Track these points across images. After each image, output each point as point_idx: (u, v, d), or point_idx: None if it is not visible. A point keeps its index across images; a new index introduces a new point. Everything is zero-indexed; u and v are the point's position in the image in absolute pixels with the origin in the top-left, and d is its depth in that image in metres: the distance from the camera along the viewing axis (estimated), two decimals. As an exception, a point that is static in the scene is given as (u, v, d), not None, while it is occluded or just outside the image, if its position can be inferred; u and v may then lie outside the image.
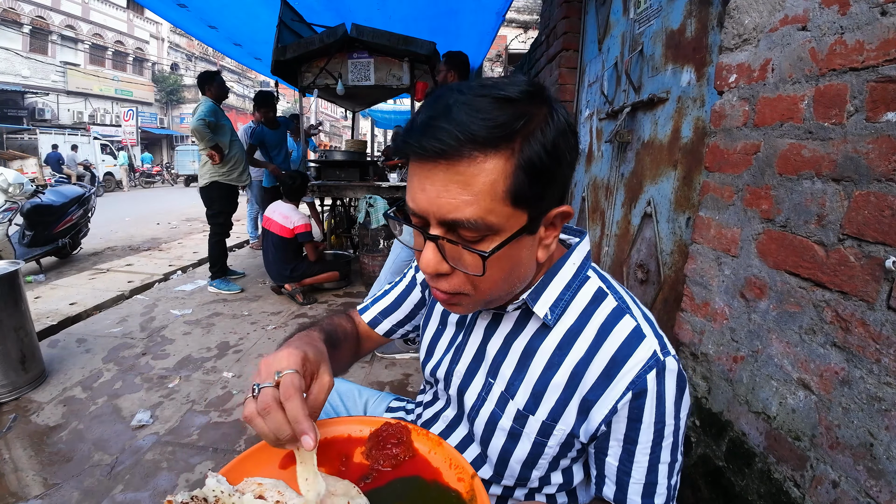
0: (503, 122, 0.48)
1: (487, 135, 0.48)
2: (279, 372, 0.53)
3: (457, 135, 0.48)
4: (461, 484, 0.58)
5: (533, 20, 8.14)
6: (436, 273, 0.55)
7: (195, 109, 3.60)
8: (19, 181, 4.32)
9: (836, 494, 0.83)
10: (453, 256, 0.54)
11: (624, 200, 1.98)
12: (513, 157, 0.50)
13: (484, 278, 0.54)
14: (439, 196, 0.51)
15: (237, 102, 26.67)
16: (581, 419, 0.61)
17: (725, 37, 1.14)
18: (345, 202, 5.42)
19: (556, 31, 2.73)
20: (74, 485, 1.57)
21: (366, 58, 4.01)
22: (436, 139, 0.48)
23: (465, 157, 0.49)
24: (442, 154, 0.49)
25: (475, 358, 0.71)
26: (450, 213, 0.50)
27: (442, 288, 0.57)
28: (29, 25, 17.33)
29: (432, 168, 0.50)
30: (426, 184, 0.52)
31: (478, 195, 0.49)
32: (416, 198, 0.53)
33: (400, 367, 2.54)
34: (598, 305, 0.63)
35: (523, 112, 0.50)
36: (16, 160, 12.50)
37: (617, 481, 0.61)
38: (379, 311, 0.90)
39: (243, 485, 0.55)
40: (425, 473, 0.60)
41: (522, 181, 0.50)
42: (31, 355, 2.19)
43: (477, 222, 0.50)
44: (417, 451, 0.63)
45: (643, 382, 0.56)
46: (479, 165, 0.49)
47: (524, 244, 0.56)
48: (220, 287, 3.81)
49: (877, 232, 0.76)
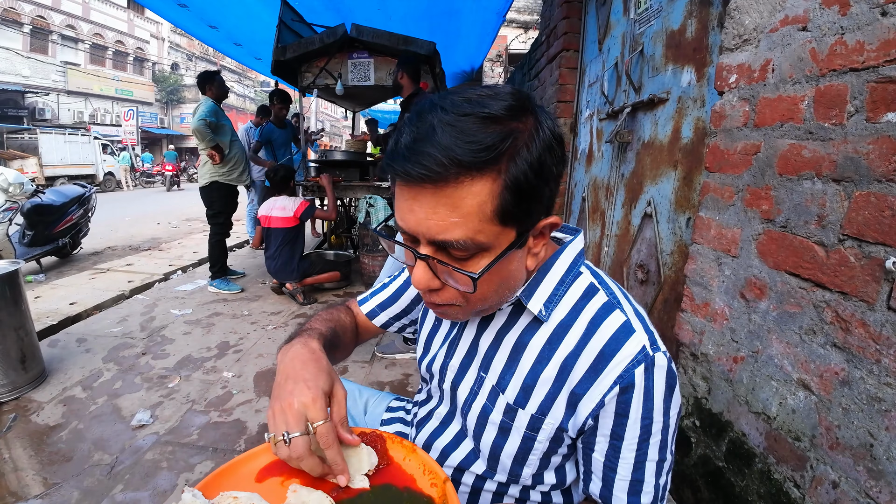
0: (489, 144, 0.48)
1: (473, 159, 0.47)
2: (311, 424, 0.56)
3: (442, 160, 0.47)
4: (434, 489, 0.59)
5: (533, 20, 8.14)
6: (428, 289, 0.56)
7: (196, 109, 3.59)
8: (19, 181, 4.33)
9: (836, 495, 0.83)
10: (443, 274, 0.55)
11: (624, 201, 1.98)
12: (499, 177, 0.49)
13: (475, 293, 0.55)
14: (428, 218, 0.51)
15: (237, 102, 26.69)
16: (569, 413, 0.61)
17: (726, 37, 1.14)
18: (345, 202, 5.42)
19: (556, 32, 2.73)
20: (74, 484, 1.57)
21: (366, 58, 4.01)
22: (421, 165, 0.48)
23: (451, 181, 0.48)
24: (428, 179, 0.48)
25: (468, 352, 0.72)
26: (439, 235, 0.51)
27: (434, 301, 0.59)
28: (29, 25, 17.34)
29: (419, 191, 0.50)
30: (414, 206, 0.51)
31: (466, 217, 0.49)
32: (405, 218, 0.53)
33: (400, 367, 2.54)
34: (589, 300, 0.63)
35: (509, 131, 0.49)
36: (16, 160, 12.51)
37: (603, 477, 0.60)
38: (377, 304, 0.92)
39: (219, 499, 0.56)
40: (398, 481, 0.61)
41: (510, 200, 0.50)
42: (32, 355, 2.19)
43: (466, 243, 0.51)
44: (392, 459, 0.64)
45: (631, 377, 0.56)
46: (467, 188, 0.49)
47: (514, 258, 0.56)
48: (221, 287, 3.81)
49: (877, 232, 0.76)
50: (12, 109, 16.75)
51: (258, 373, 2.43)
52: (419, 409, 0.83)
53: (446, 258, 0.53)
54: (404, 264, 0.61)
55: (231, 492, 0.58)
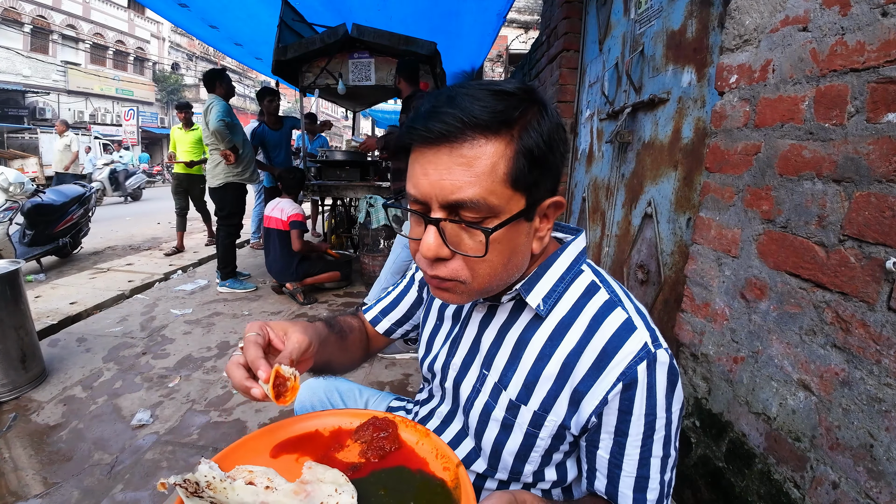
0: (502, 109, 0.52)
1: (489, 119, 0.51)
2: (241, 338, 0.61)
3: (461, 118, 0.51)
4: (446, 473, 0.60)
5: (534, 20, 8.14)
6: (436, 257, 0.56)
7: (208, 110, 3.51)
8: (20, 180, 4.33)
9: (836, 495, 0.83)
10: (454, 241, 0.56)
11: (624, 201, 1.98)
12: (512, 142, 0.53)
13: (483, 262, 0.56)
14: (442, 178, 0.53)
15: (238, 102, 26.70)
16: (572, 410, 0.61)
17: (726, 37, 1.14)
18: (345, 202, 5.43)
19: (556, 32, 2.73)
20: (74, 484, 1.57)
21: (366, 58, 4.01)
22: (441, 122, 0.52)
23: (467, 139, 0.52)
24: (446, 137, 0.52)
25: (470, 350, 0.72)
26: (452, 194, 0.53)
27: (441, 274, 0.58)
28: (30, 25, 17.33)
29: (436, 152, 0.53)
30: (429, 168, 0.54)
31: (479, 176, 0.52)
32: (419, 183, 0.55)
33: (400, 367, 2.54)
34: (591, 298, 0.63)
35: (520, 103, 0.54)
36: (16, 159, 12.51)
37: (608, 474, 0.61)
38: (379, 310, 0.92)
39: (234, 472, 0.58)
40: (411, 463, 0.62)
41: (521, 165, 0.53)
42: (32, 354, 2.19)
43: (479, 202, 0.52)
44: (405, 442, 0.66)
45: (633, 373, 0.56)
46: (481, 148, 0.52)
47: (521, 230, 0.57)
48: (234, 287, 3.81)
49: (877, 233, 0.76)
50: (13, 109, 16.75)
51: (258, 372, 2.43)
52: (420, 408, 0.84)
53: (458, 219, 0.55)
54: (412, 238, 0.61)
55: (246, 466, 0.59)
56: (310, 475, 0.58)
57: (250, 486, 0.56)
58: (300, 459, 0.62)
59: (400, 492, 0.58)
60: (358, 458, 0.63)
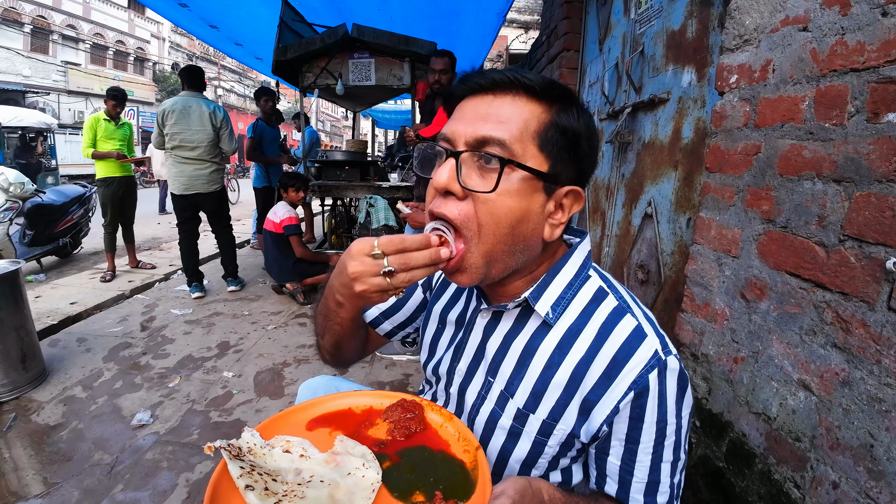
0: (550, 84, 0.58)
1: (537, 84, 0.57)
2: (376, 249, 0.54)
3: (514, 74, 0.57)
4: (466, 455, 0.62)
5: (534, 20, 8.14)
6: (446, 189, 0.57)
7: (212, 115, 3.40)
8: (20, 180, 4.33)
9: (837, 496, 0.82)
10: (467, 178, 0.57)
11: (625, 201, 1.98)
12: (550, 111, 0.57)
13: (490, 213, 0.55)
14: (476, 119, 0.57)
15: (238, 102, 26.69)
16: (582, 419, 0.61)
17: (726, 37, 1.14)
18: (345, 202, 5.42)
19: (556, 32, 2.73)
20: (74, 484, 1.57)
21: (367, 58, 4.01)
22: (490, 78, 0.58)
23: (510, 93, 0.57)
24: (495, 86, 0.57)
25: (475, 357, 0.72)
26: (480, 130, 0.56)
27: (448, 213, 0.57)
28: (30, 25, 17.33)
29: (479, 100, 0.58)
30: (467, 113, 0.58)
31: (510, 122, 0.56)
32: (452, 125, 0.59)
33: (400, 368, 2.54)
34: (599, 305, 0.63)
35: (565, 92, 0.59)
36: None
37: (619, 480, 0.60)
38: (381, 313, 0.91)
39: (274, 440, 0.63)
40: (433, 444, 0.65)
41: (553, 134, 0.57)
42: (32, 354, 2.19)
43: (503, 141, 0.55)
44: (430, 424, 0.69)
45: (645, 382, 0.56)
46: (521, 105, 0.57)
47: (536, 199, 0.58)
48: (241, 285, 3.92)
49: (877, 233, 0.76)
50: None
51: (258, 373, 2.44)
52: None
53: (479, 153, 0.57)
54: (427, 176, 0.61)
55: (284, 436, 0.65)
56: (341, 447, 0.63)
57: (287, 453, 0.61)
58: (333, 433, 0.67)
59: (422, 469, 0.61)
60: (385, 435, 0.67)
